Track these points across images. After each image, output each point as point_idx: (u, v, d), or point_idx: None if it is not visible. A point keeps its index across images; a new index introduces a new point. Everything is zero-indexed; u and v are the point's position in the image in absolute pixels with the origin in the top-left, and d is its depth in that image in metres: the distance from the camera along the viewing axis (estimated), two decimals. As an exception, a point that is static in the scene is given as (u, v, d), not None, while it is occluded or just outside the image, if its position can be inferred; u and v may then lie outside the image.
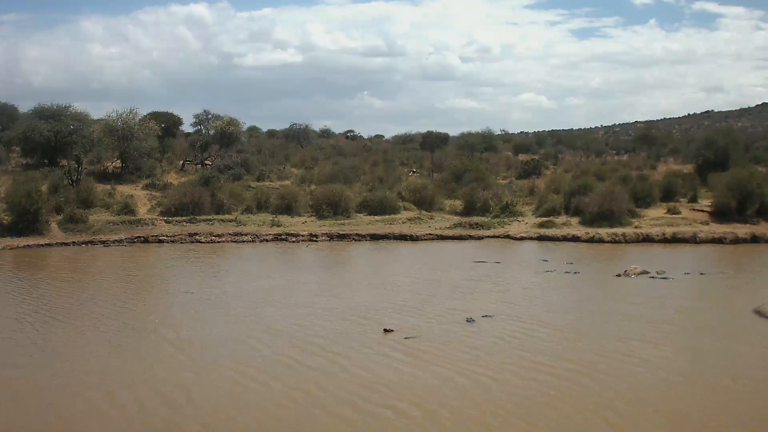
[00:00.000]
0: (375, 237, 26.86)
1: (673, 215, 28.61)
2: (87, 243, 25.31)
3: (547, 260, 21.50)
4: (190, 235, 26.55)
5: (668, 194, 31.71)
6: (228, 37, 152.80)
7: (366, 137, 76.88)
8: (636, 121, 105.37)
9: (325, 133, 73.01)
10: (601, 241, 25.51)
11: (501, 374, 10.71)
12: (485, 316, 14.20)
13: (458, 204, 31.97)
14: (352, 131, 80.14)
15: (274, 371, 10.94)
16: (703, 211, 29.12)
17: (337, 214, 29.66)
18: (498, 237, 26.77)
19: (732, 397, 9.91)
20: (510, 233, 27.02)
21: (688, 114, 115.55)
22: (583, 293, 17.10)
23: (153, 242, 25.82)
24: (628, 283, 18.06)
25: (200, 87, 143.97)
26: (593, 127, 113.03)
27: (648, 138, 60.82)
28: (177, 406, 9.57)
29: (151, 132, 36.66)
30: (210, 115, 50.87)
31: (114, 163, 36.69)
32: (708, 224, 27.30)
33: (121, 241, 25.66)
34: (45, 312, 14.83)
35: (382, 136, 79.46)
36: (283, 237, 26.60)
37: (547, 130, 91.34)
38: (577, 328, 13.52)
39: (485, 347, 12.12)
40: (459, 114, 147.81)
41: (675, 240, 25.54)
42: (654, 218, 28.34)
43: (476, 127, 73.72)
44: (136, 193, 32.22)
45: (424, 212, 30.67)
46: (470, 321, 13.84)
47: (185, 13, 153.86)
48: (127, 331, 13.44)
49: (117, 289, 17.67)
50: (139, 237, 26.18)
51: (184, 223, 28.20)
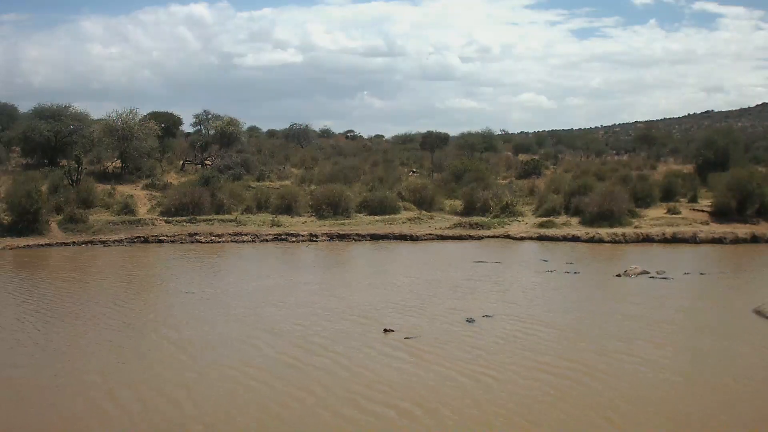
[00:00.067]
0: (375, 237, 26.87)
1: (673, 215, 28.63)
2: (87, 243, 25.31)
3: (547, 260, 21.51)
4: (190, 235, 26.56)
5: (668, 194, 31.74)
6: (228, 37, 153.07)
7: (366, 137, 76.98)
8: (636, 121, 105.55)
9: (325, 133, 73.03)
10: (601, 241, 25.53)
11: (502, 374, 10.73)
12: (485, 316, 14.22)
13: (458, 204, 31.99)
14: (352, 131, 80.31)
15: (275, 371, 10.96)
16: (703, 211, 29.14)
17: (337, 214, 29.67)
18: (498, 237, 26.79)
19: (732, 396, 9.93)
20: (510, 233, 27.04)
21: (688, 114, 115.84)
22: (583, 293, 17.12)
23: (153, 242, 25.83)
24: (628, 283, 18.07)
25: (200, 87, 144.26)
26: (593, 127, 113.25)
27: (648, 138, 60.85)
28: (179, 405, 9.58)
29: (151, 132, 36.69)
30: (210, 115, 50.96)
31: (114, 163, 36.71)
32: (708, 224, 27.32)
33: (121, 241, 25.67)
34: (46, 312, 14.84)
35: (382, 136, 79.54)
36: (283, 237, 26.61)
37: (547, 130, 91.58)
38: (577, 328, 13.53)
39: (486, 347, 12.14)
40: (459, 114, 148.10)
41: (675, 240, 25.56)
42: (654, 218, 28.36)
43: (476, 127, 73.89)
44: (136, 193, 32.23)
45: (424, 212, 30.68)
46: (470, 321, 13.86)
47: (185, 13, 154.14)
48: (128, 331, 13.44)
49: (117, 289, 17.68)
50: (139, 237, 26.18)
51: (184, 223, 28.21)
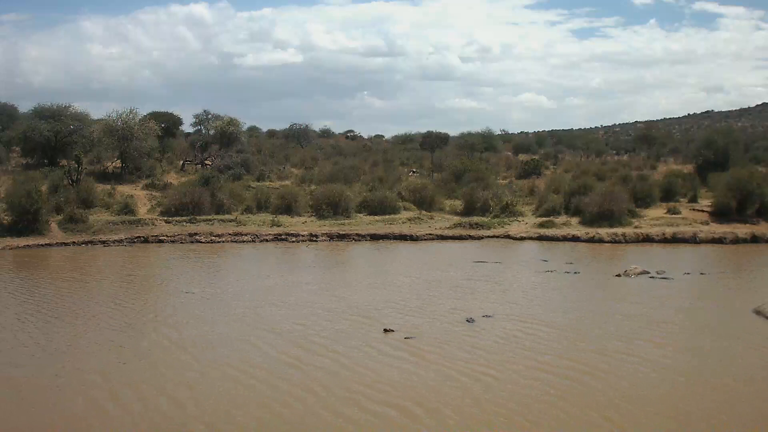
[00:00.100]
0: (375, 237, 26.88)
1: (673, 215, 28.64)
2: (87, 243, 25.32)
3: (547, 260, 21.52)
4: (190, 235, 26.56)
5: (668, 194, 31.76)
6: (228, 37, 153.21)
7: (366, 137, 77.02)
8: (636, 121, 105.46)
9: (325, 133, 73.06)
10: (601, 241, 25.54)
11: (502, 373, 10.74)
12: (486, 316, 14.23)
13: (458, 204, 31.99)
14: (352, 131, 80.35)
15: (276, 370, 10.97)
16: (703, 211, 29.15)
17: (337, 214, 29.68)
18: (498, 237, 26.80)
19: (732, 396, 9.94)
20: (510, 233, 27.04)
21: (688, 114, 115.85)
22: (583, 293, 17.12)
23: (153, 242, 25.83)
24: (628, 283, 18.08)
25: (200, 87, 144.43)
26: (593, 127, 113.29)
27: (648, 138, 60.83)
28: (180, 405, 9.58)
29: (151, 132, 36.72)
30: (210, 115, 51.04)
31: (114, 163, 36.73)
32: (708, 224, 27.33)
33: (121, 241, 25.67)
34: (47, 311, 14.84)
35: (382, 136, 79.58)
36: (283, 237, 26.62)
37: (547, 130, 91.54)
38: (577, 328, 13.54)
39: (486, 347, 12.15)
40: (459, 114, 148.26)
41: (675, 240, 25.57)
42: (654, 218, 28.37)
43: (476, 127, 73.98)
44: (136, 193, 32.24)
45: (424, 212, 30.69)
46: (470, 321, 13.86)
47: (185, 13, 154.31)
48: (128, 330, 13.45)
49: (118, 288, 17.69)
50: (139, 237, 26.19)
51: (184, 223, 28.21)
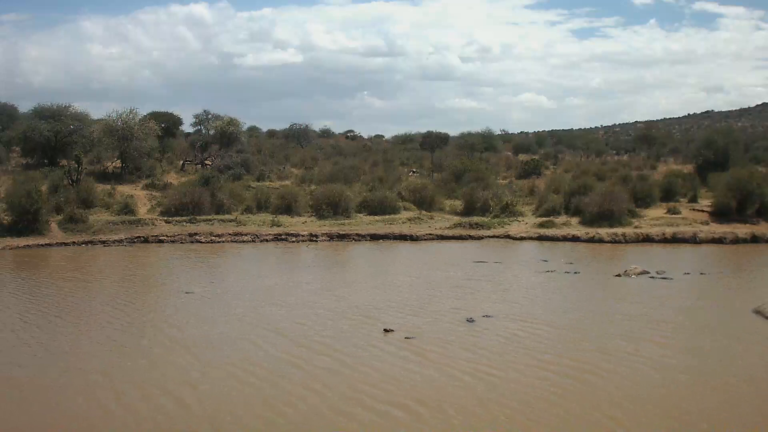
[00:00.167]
0: (375, 237, 26.89)
1: (673, 215, 28.66)
2: (87, 243, 25.32)
3: (547, 260, 21.53)
4: (190, 235, 26.57)
5: (668, 194, 31.78)
6: (228, 37, 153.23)
7: (366, 137, 77.04)
8: (636, 121, 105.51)
9: (325, 133, 73.07)
10: (601, 241, 25.56)
11: (505, 372, 10.77)
12: (486, 315, 14.24)
13: (458, 204, 32.01)
14: (352, 131, 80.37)
15: (279, 370, 10.98)
16: (703, 211, 29.17)
17: (337, 214, 29.69)
18: (498, 237, 26.81)
19: (733, 395, 9.97)
20: (510, 233, 27.05)
21: (688, 114, 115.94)
22: (583, 293, 17.14)
23: (153, 242, 25.84)
24: (628, 283, 18.10)
25: (200, 87, 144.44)
26: (593, 127, 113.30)
27: (648, 138, 60.86)
28: (184, 404, 9.60)
29: (151, 132, 36.73)
30: (210, 115, 51.04)
31: (114, 163, 36.74)
32: (708, 224, 27.35)
33: (121, 241, 25.68)
34: (48, 311, 14.85)
35: (382, 136, 79.60)
36: (283, 237, 26.63)
37: (547, 130, 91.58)
38: (578, 328, 13.56)
39: (488, 346, 12.17)
40: (459, 114, 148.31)
41: (675, 240, 25.59)
42: (654, 218, 28.39)
43: (476, 127, 74.02)
44: (136, 193, 32.24)
45: (424, 212, 30.70)
46: (471, 321, 13.87)
47: (185, 13, 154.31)
48: (130, 330, 13.47)
49: (119, 288, 17.70)
50: (139, 237, 26.20)
51: (184, 223, 28.22)
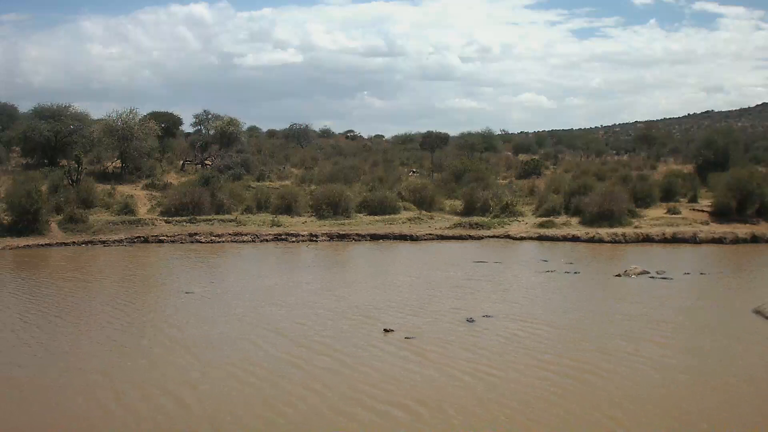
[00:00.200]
0: (375, 237, 26.89)
1: (673, 215, 28.66)
2: (87, 243, 25.32)
3: (547, 260, 21.52)
4: (190, 235, 26.57)
5: (668, 194, 31.78)
6: (228, 37, 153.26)
7: (366, 137, 77.04)
8: (636, 121, 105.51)
9: (325, 133, 73.07)
10: (601, 241, 25.55)
11: (505, 372, 10.77)
12: (486, 316, 14.24)
13: (458, 204, 32.00)
14: (352, 131, 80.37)
15: (279, 370, 10.98)
16: (703, 211, 29.16)
17: (337, 214, 29.69)
18: (498, 237, 26.80)
19: (733, 395, 9.97)
20: (510, 233, 27.05)
21: (688, 114, 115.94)
22: (583, 293, 17.14)
23: (153, 242, 25.84)
24: (628, 283, 18.09)
25: (200, 87, 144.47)
26: (593, 127, 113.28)
27: (648, 138, 60.86)
28: (185, 404, 9.59)
29: (151, 132, 36.73)
30: (210, 115, 51.05)
31: (114, 163, 36.74)
32: (708, 224, 27.34)
33: (121, 241, 25.67)
34: (48, 312, 14.84)
35: (382, 136, 79.60)
36: (283, 237, 26.62)
37: (547, 130, 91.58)
38: (578, 328, 13.56)
39: (488, 346, 12.17)
40: (459, 114, 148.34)
41: (675, 240, 25.58)
42: (654, 218, 28.38)
43: (476, 127, 74.02)
44: (136, 193, 32.24)
45: (424, 212, 30.69)
46: (471, 321, 13.87)
47: (185, 13, 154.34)
48: (130, 330, 13.47)
49: (119, 288, 17.69)
50: (139, 237, 26.19)
51: (184, 223, 28.22)
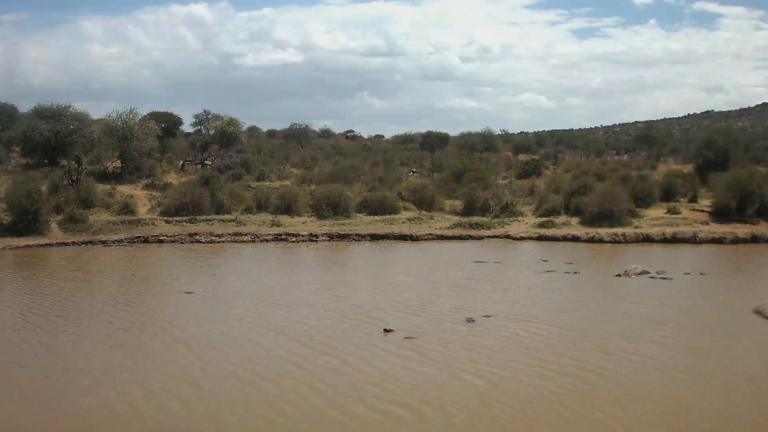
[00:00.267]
0: (375, 237, 26.89)
1: (673, 215, 28.66)
2: (87, 243, 25.31)
3: (547, 260, 21.52)
4: (190, 235, 26.56)
5: (668, 194, 31.77)
6: (228, 37, 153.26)
7: (366, 137, 77.04)
8: (636, 121, 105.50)
9: (325, 133, 73.07)
10: (601, 241, 25.55)
11: (506, 371, 10.79)
12: (486, 315, 14.24)
13: (458, 204, 32.00)
14: (352, 131, 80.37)
15: (281, 369, 10.99)
16: (703, 211, 29.16)
17: (337, 214, 29.68)
18: (498, 237, 26.80)
19: (733, 395, 9.97)
20: (510, 233, 27.05)
21: (688, 114, 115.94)
22: (583, 293, 17.14)
23: (153, 242, 25.84)
24: (628, 283, 18.10)
25: (200, 87, 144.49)
26: (593, 127, 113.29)
27: (648, 138, 60.85)
28: (188, 404, 9.59)
29: (151, 132, 36.72)
30: (210, 115, 51.06)
31: (114, 163, 36.74)
32: (708, 224, 27.34)
33: (121, 241, 25.67)
34: (50, 311, 14.84)
35: (382, 136, 79.61)
36: (283, 237, 26.62)
37: (547, 130, 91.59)
38: (578, 327, 13.56)
39: (489, 345, 12.18)
40: (459, 114, 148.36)
41: (675, 240, 25.57)
42: (654, 218, 28.38)
43: (476, 127, 74.01)
44: (136, 193, 32.24)
45: (424, 212, 30.69)
46: (471, 321, 13.87)
47: (185, 13, 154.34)
48: (131, 329, 13.48)
49: (119, 288, 17.70)
50: (139, 237, 26.19)
51: (184, 223, 28.21)
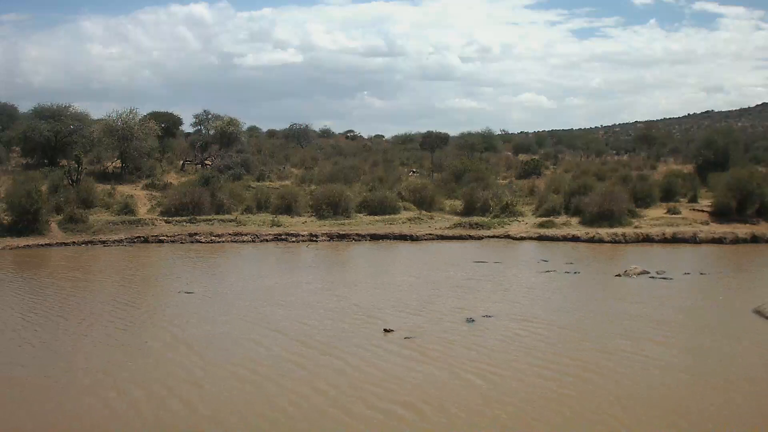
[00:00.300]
0: (375, 237, 26.88)
1: (673, 215, 28.65)
2: (87, 243, 25.31)
3: (547, 260, 21.51)
4: (190, 235, 26.56)
5: (668, 194, 31.76)
6: (228, 37, 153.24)
7: (366, 137, 77.03)
8: (636, 121, 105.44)
9: (325, 133, 73.06)
10: (601, 241, 25.54)
11: (507, 371, 10.78)
12: (487, 315, 14.23)
13: (458, 204, 31.99)
14: (352, 131, 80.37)
15: (283, 369, 10.99)
16: (703, 211, 29.15)
17: (337, 214, 29.68)
18: (498, 237, 26.79)
19: (733, 395, 9.97)
20: (510, 233, 27.04)
21: (688, 114, 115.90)
22: (583, 293, 17.13)
23: (153, 242, 25.84)
24: (628, 283, 18.09)
25: (200, 87, 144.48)
26: (593, 127, 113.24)
27: (648, 138, 60.83)
28: (190, 403, 9.59)
29: (151, 132, 36.72)
30: (210, 115, 51.05)
31: (114, 163, 36.74)
32: (708, 224, 27.33)
33: (121, 241, 25.67)
34: (50, 311, 14.84)
35: (382, 136, 79.60)
36: (284, 237, 26.62)
37: (547, 130, 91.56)
38: (579, 327, 13.56)
39: (489, 345, 12.18)
40: (459, 114, 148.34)
41: (675, 240, 25.56)
42: (654, 218, 28.37)
43: (476, 127, 74.01)
44: (136, 193, 32.24)
45: (424, 212, 30.69)
46: (470, 321, 13.85)
47: (185, 13, 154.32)
48: (132, 329, 13.49)
49: (120, 288, 17.69)
50: (139, 237, 26.19)
51: (184, 223, 28.21)
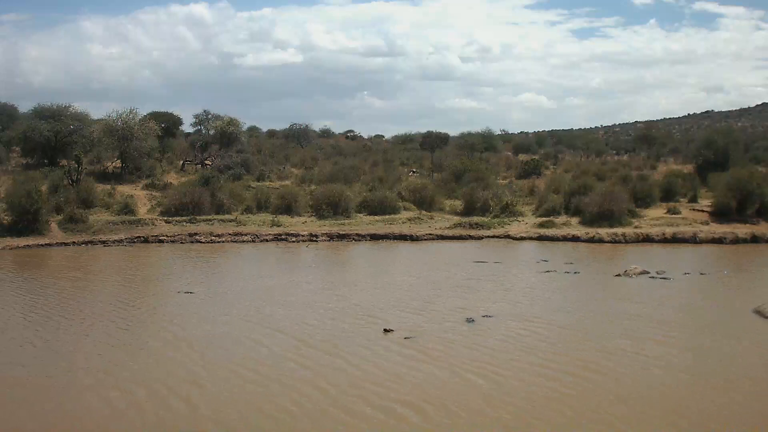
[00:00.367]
0: (375, 237, 26.88)
1: (673, 215, 28.64)
2: (87, 243, 25.32)
3: (547, 260, 21.51)
4: (190, 235, 26.56)
5: (668, 194, 31.76)
6: (228, 37, 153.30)
7: (366, 137, 77.04)
8: (636, 121, 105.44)
9: (325, 133, 73.07)
10: (601, 241, 25.54)
11: (508, 371, 10.78)
12: (487, 315, 14.23)
13: (458, 204, 32.00)
14: (352, 131, 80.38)
15: (284, 368, 11.00)
16: (703, 211, 29.15)
17: (337, 214, 29.68)
18: (498, 237, 26.79)
19: (733, 394, 9.97)
20: (510, 233, 27.04)
21: (688, 114, 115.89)
22: (583, 293, 17.13)
23: (153, 242, 25.84)
24: (628, 282, 18.08)
25: (200, 87, 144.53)
26: (593, 127, 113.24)
27: (648, 138, 60.83)
28: (191, 403, 9.59)
29: (151, 132, 36.73)
30: (210, 115, 51.06)
31: (114, 163, 36.75)
32: (708, 224, 27.33)
33: (121, 241, 25.67)
34: (51, 311, 14.84)
35: (382, 136, 79.60)
36: (283, 237, 26.62)
37: (547, 130, 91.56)
38: (579, 327, 13.56)
39: (490, 345, 12.17)
40: (459, 114, 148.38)
41: (675, 240, 25.56)
42: (654, 218, 28.37)
43: (476, 127, 73.99)
44: (136, 193, 32.24)
45: (424, 212, 30.69)
46: (471, 321, 13.85)
47: (185, 13, 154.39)
48: (133, 329, 13.49)
49: (120, 288, 17.70)
50: (139, 237, 26.19)
51: (184, 223, 28.21)
